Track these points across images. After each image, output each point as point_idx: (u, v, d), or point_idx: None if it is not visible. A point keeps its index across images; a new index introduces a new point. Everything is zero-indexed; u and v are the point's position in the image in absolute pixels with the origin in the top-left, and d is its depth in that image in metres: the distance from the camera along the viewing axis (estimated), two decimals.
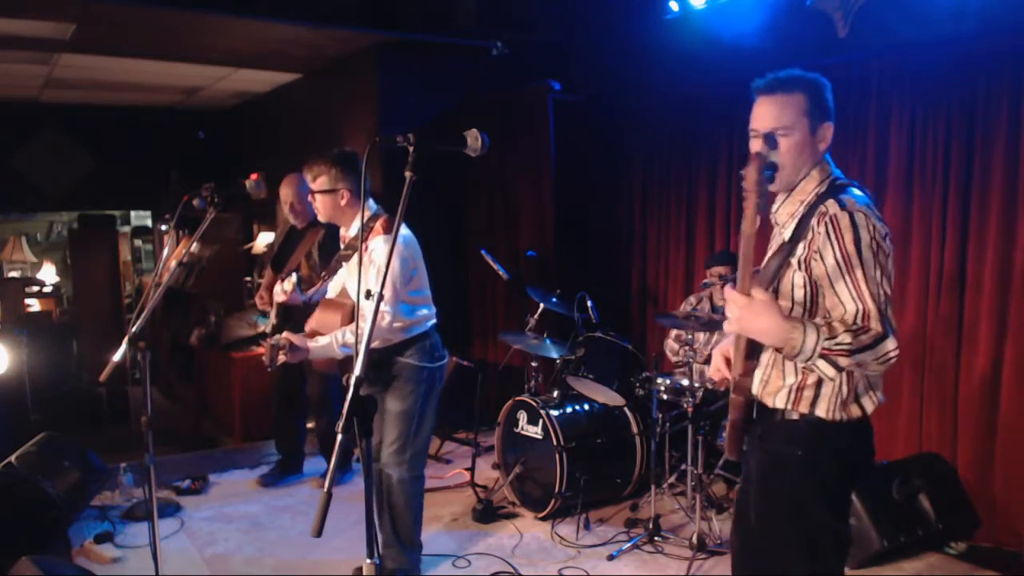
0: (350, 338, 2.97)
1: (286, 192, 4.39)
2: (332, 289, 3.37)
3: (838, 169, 2.02)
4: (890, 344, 1.76)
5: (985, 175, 3.60)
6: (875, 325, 1.77)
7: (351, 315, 3.10)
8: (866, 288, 1.79)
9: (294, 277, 3.64)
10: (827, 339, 1.74)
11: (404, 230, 3.13)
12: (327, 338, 2.99)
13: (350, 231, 3.21)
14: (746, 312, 1.77)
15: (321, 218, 3.22)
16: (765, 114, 1.97)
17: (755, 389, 2.01)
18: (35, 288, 9.44)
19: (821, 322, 1.79)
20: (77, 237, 8.59)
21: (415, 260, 3.13)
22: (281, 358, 2.95)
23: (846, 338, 1.74)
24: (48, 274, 10.22)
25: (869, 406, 1.94)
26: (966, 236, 3.68)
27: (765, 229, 2.07)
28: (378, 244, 2.99)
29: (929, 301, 3.80)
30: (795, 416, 1.94)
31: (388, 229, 3.04)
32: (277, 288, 3.69)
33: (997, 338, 3.58)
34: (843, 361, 1.76)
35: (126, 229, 10.62)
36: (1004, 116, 3.52)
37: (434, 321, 3.22)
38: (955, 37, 3.62)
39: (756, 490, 2.03)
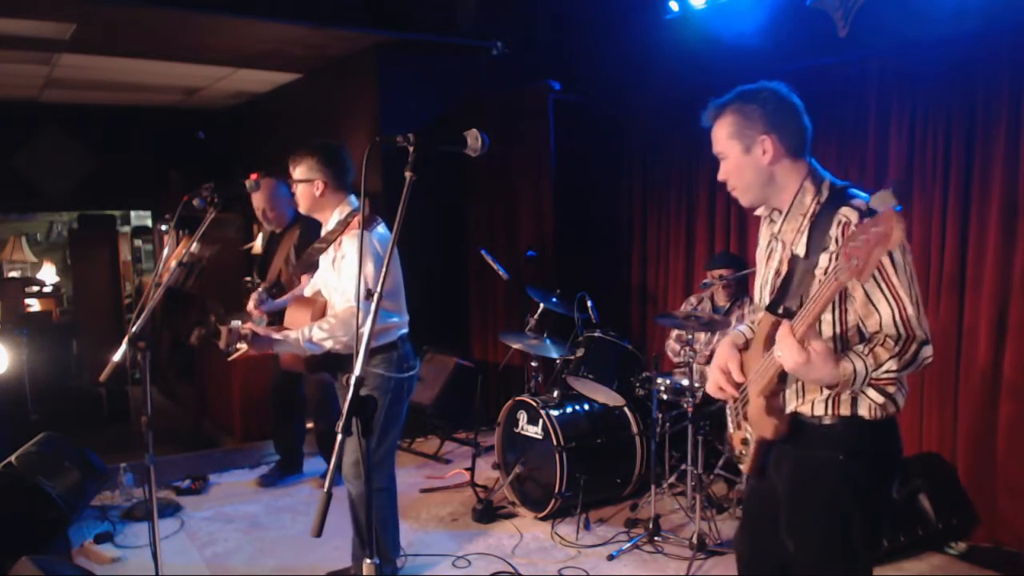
0: (317, 334, 2.89)
1: (257, 200, 4.37)
2: (311, 286, 3.36)
3: (827, 172, 2.01)
4: (927, 351, 1.82)
5: (985, 175, 3.60)
6: (916, 330, 1.81)
7: (322, 312, 3.07)
8: (903, 292, 1.81)
9: (255, 296, 3.65)
10: (874, 369, 1.78)
11: (381, 228, 3.09)
12: (294, 333, 2.92)
13: (328, 225, 3.16)
14: (803, 367, 1.77)
15: (301, 209, 3.18)
16: (713, 141, 2.08)
17: (790, 405, 1.99)
18: (35, 288, 9.44)
19: (865, 351, 1.80)
20: (77, 237, 8.60)
21: (387, 259, 3.06)
22: (242, 347, 2.88)
23: (892, 365, 1.78)
24: (48, 274, 10.22)
25: (901, 401, 1.96)
26: (966, 236, 3.68)
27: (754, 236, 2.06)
28: (352, 240, 2.95)
29: (929, 301, 3.80)
30: (831, 420, 1.94)
31: (366, 224, 2.98)
32: (249, 306, 3.70)
33: (997, 338, 3.58)
34: (891, 388, 1.85)
35: (126, 229, 10.62)
36: (1004, 116, 3.51)
37: (405, 331, 3.13)
38: (955, 37, 3.61)
39: (790, 496, 2.01)
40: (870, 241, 1.55)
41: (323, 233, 3.18)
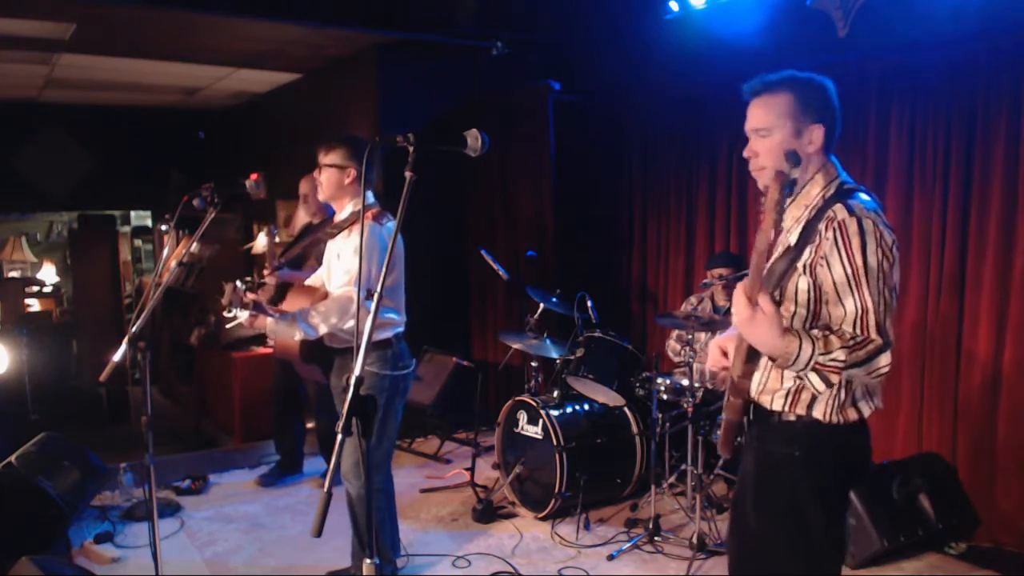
0: (313, 316, 2.94)
1: (304, 185, 4.45)
2: (314, 276, 3.37)
3: (845, 173, 2.01)
4: (883, 360, 1.78)
5: (985, 175, 3.60)
6: (873, 335, 1.78)
7: (323, 300, 3.11)
8: (869, 296, 1.80)
9: (264, 236, 3.63)
10: (821, 354, 1.76)
11: (391, 224, 3.12)
12: (290, 316, 2.96)
13: (341, 214, 3.20)
14: (747, 323, 1.79)
15: (322, 196, 3.22)
16: (752, 115, 2.01)
17: (753, 391, 2.02)
18: (35, 288, 9.44)
19: (819, 335, 1.79)
20: (77, 237, 8.59)
21: (396, 259, 3.11)
22: (241, 315, 2.92)
23: (840, 355, 1.76)
24: (48, 274, 10.22)
25: (866, 411, 1.95)
26: (966, 236, 3.68)
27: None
28: (365, 229, 2.96)
29: (929, 301, 3.80)
30: (792, 417, 1.95)
31: (377, 218, 3.04)
32: (265, 273, 3.71)
33: (997, 338, 3.58)
34: (834, 378, 1.81)
35: (126, 229, 10.62)
36: (1004, 116, 3.51)
37: (401, 330, 3.15)
38: (955, 37, 3.62)
39: (752, 490, 2.03)
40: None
41: (335, 221, 3.21)
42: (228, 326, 3.06)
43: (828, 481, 1.94)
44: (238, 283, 2.95)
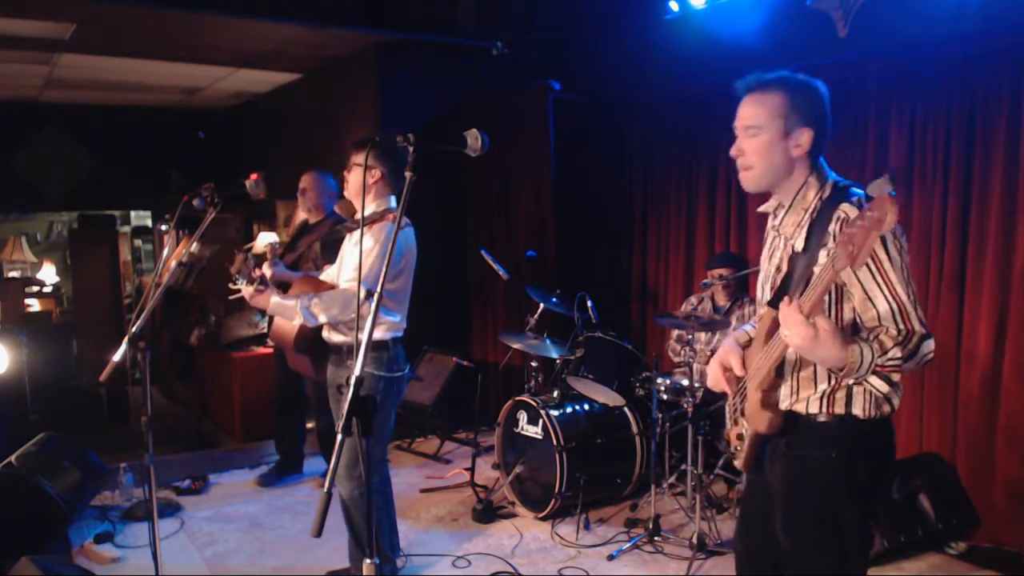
0: (315, 304, 2.95)
1: (305, 180, 4.46)
2: (327, 272, 3.39)
3: (833, 172, 2.02)
4: (930, 345, 1.80)
5: (985, 175, 3.60)
6: (916, 325, 1.80)
7: None
8: (900, 288, 1.81)
9: (269, 240, 3.62)
10: (879, 356, 1.76)
11: (409, 230, 3.15)
12: (292, 300, 2.98)
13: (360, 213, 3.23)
14: (810, 343, 1.73)
15: (347, 193, 3.22)
16: (742, 112, 1.99)
17: (784, 401, 2.00)
18: (35, 288, 9.45)
19: (871, 338, 1.79)
20: (77, 237, 8.60)
21: (406, 261, 3.12)
22: (246, 289, 2.93)
23: (896, 352, 1.76)
24: (48, 274, 10.23)
25: (896, 402, 1.96)
26: (966, 236, 3.68)
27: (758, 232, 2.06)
28: (383, 227, 3.01)
29: (929, 301, 3.80)
30: (825, 418, 1.94)
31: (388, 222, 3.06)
32: (264, 267, 3.75)
33: (997, 338, 3.58)
34: (895, 376, 1.82)
35: (126, 229, 10.62)
36: (1004, 116, 3.51)
37: (399, 335, 3.16)
38: (956, 37, 3.62)
39: (783, 496, 2.01)
40: (865, 226, 1.56)
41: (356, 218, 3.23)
42: (231, 297, 3.07)
43: (862, 480, 1.94)
44: (250, 255, 2.96)
